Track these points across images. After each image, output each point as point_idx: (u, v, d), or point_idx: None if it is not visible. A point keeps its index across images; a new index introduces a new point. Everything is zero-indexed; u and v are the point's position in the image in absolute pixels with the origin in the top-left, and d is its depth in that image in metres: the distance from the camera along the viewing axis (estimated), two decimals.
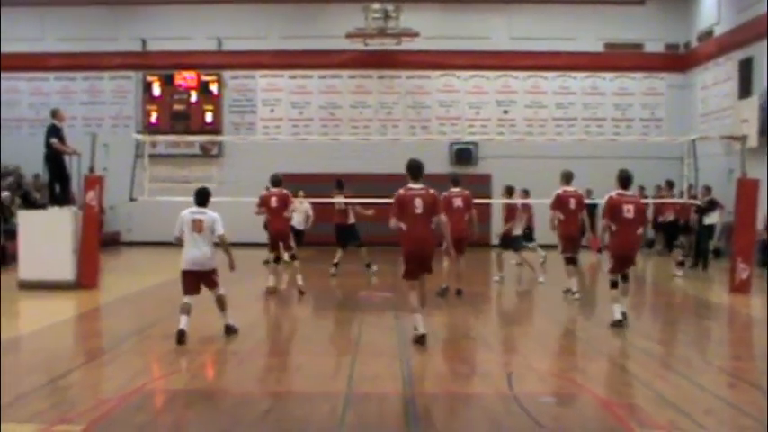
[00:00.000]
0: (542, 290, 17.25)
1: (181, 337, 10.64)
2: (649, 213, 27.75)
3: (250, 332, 11.69)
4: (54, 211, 16.84)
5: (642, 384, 8.73)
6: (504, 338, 12.24)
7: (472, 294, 15.63)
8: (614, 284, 12.27)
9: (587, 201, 24.01)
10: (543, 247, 21.05)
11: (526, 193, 20.20)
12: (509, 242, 18.40)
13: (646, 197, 26.57)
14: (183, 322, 10.79)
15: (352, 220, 19.39)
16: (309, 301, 15.54)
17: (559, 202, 15.45)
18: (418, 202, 10.56)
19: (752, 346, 11.49)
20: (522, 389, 8.46)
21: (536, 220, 21.01)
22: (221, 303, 11.30)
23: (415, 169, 10.89)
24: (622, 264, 12.27)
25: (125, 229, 29.23)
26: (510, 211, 18.30)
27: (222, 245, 11.15)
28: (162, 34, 29.41)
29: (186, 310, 10.91)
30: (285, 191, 16.27)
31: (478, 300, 15.56)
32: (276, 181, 16.59)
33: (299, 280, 16.02)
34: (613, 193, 12.19)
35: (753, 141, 21.83)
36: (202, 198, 11.41)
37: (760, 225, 19.61)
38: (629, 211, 11.92)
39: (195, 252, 11.05)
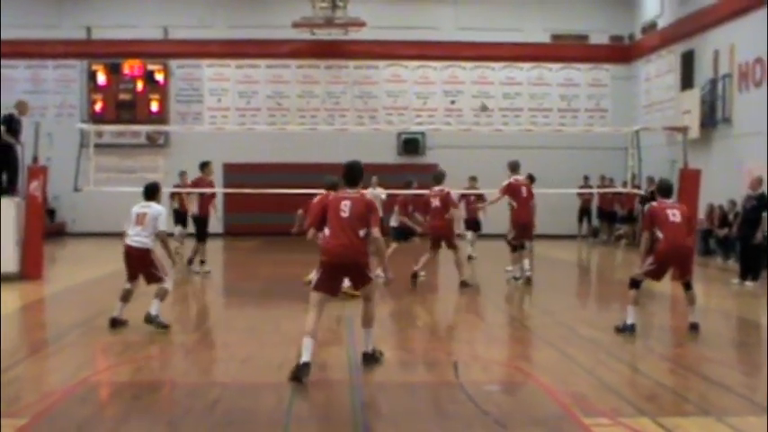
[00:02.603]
0: (487, 279, 17.42)
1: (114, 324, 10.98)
2: (593, 203, 28.30)
3: (197, 323, 11.65)
4: None
5: (586, 372, 8.87)
6: (450, 327, 12.32)
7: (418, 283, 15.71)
8: (636, 284, 11.05)
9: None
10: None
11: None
12: None
13: (590, 187, 26.99)
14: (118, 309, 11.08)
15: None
16: (256, 292, 15.49)
17: (512, 190, 15.80)
18: (346, 205, 8.74)
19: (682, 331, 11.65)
20: (468, 377, 8.55)
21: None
22: (159, 293, 11.08)
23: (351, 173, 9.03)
24: (666, 267, 10.99)
25: (70, 219, 28.89)
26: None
27: (160, 241, 11.13)
28: (107, 22, 29.05)
29: (124, 296, 11.12)
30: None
31: (424, 289, 15.63)
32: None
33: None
34: (654, 202, 11.33)
35: (694, 133, 22.22)
36: (149, 192, 11.36)
37: (701, 215, 19.96)
38: (674, 215, 10.80)
39: (131, 234, 11.04)
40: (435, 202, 15.66)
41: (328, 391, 8.12)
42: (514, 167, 16.23)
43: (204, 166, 18.24)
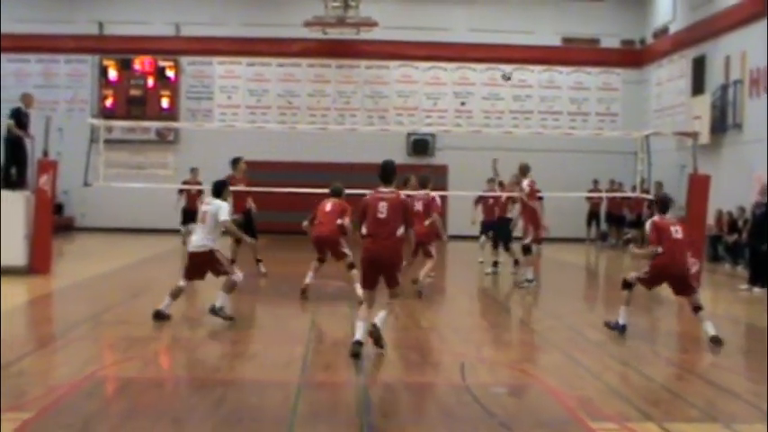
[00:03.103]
0: (492, 281, 17.41)
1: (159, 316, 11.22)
2: (602, 207, 28.27)
3: (204, 320, 11.66)
4: (6, 195, 16.57)
5: (593, 376, 8.85)
6: (456, 329, 12.31)
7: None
8: (629, 285, 11.24)
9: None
10: None
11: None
12: None
13: (599, 191, 26.98)
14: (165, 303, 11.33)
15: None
16: (265, 290, 15.51)
17: (536, 193, 15.88)
18: (383, 207, 9.48)
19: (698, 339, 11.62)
20: (475, 379, 8.54)
21: None
22: (226, 285, 11.48)
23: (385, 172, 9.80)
24: (659, 280, 11.14)
25: (79, 214, 28.92)
26: None
27: (228, 232, 11.71)
28: (119, 18, 29.12)
29: (175, 293, 11.40)
30: None
31: (430, 291, 15.59)
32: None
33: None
34: (656, 218, 11.42)
35: (704, 138, 22.17)
36: (214, 189, 11.68)
37: (710, 220, 19.91)
38: (677, 231, 10.98)
39: (194, 237, 11.48)
40: (418, 206, 15.11)
41: (334, 390, 8.12)
42: (526, 171, 16.22)
43: (235, 162, 17.15)
